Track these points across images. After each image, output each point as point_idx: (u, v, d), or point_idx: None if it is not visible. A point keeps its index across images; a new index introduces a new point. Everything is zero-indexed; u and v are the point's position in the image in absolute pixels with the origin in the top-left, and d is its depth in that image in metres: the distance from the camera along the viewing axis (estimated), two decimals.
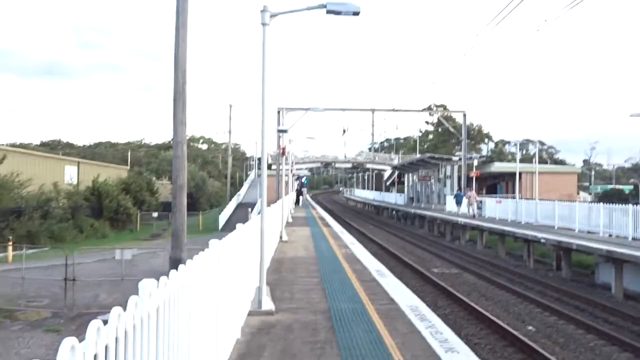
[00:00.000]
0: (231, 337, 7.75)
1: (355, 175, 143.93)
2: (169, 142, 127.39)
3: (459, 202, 46.98)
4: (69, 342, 2.28)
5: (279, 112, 51.99)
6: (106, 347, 2.74)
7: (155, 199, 62.47)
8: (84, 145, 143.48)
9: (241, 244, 8.49)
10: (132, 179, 59.51)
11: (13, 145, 75.11)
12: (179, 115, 17.49)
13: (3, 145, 54.81)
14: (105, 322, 2.68)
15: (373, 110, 65.30)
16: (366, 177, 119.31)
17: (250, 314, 9.88)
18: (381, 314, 10.50)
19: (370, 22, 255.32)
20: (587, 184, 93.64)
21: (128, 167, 78.09)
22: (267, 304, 10.41)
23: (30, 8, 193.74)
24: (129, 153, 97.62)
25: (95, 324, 2.55)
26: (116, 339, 2.85)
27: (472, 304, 18.47)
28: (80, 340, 2.32)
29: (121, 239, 43.47)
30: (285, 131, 24.81)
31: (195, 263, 4.98)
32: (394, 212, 71.09)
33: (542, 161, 72.06)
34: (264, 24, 10.46)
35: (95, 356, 2.56)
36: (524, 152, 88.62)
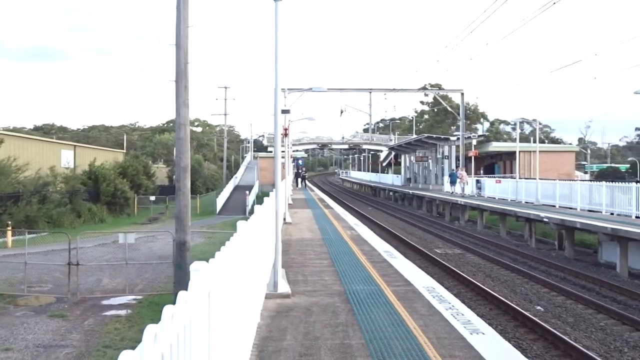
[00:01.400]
0: (253, 320, 7.58)
1: (351, 156, 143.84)
2: (164, 124, 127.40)
3: (453, 182, 47.00)
4: (152, 329, 2.07)
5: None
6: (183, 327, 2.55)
7: (152, 182, 62.20)
8: (78, 129, 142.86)
9: (259, 226, 8.29)
10: (128, 163, 59.09)
11: (7, 130, 74.57)
12: (182, 96, 17.27)
13: None
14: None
15: (370, 90, 65.15)
16: (362, 159, 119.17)
17: (267, 297, 9.71)
18: (398, 295, 10.35)
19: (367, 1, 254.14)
20: (583, 162, 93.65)
21: (124, 151, 77.68)
22: (283, 287, 10.24)
23: None
24: (125, 136, 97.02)
25: (169, 310, 2.33)
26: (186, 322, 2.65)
27: (480, 284, 18.37)
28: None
29: (119, 223, 43.26)
30: (288, 111, 24.54)
31: (234, 246, 4.77)
32: (391, 193, 71.03)
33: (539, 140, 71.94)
34: (276, 0, 10.18)
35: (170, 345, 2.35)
36: (520, 131, 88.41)
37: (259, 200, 11.33)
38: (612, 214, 26.83)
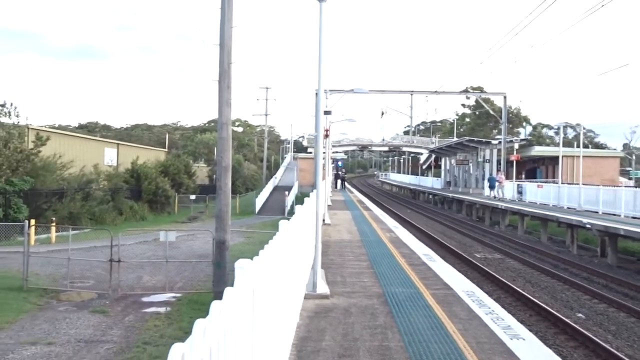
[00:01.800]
0: (293, 320, 7.62)
1: (390, 159, 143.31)
2: (205, 124, 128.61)
3: (492, 186, 46.66)
4: (201, 324, 2.11)
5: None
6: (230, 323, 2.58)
7: (192, 181, 62.75)
8: (121, 128, 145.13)
9: (300, 226, 8.34)
10: (170, 162, 59.78)
11: (52, 127, 76.03)
12: (224, 95, 17.41)
13: (44, 127, 55.37)
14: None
15: (412, 93, 64.78)
16: (402, 161, 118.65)
17: (305, 297, 9.75)
18: (437, 299, 10.30)
19: (411, 3, 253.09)
20: (628, 168, 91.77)
21: (166, 150, 78.61)
22: (322, 287, 10.27)
23: None
24: (167, 135, 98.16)
25: (217, 306, 2.37)
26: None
27: (520, 290, 18.16)
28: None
29: (160, 222, 43.73)
30: (329, 112, 24.61)
31: (276, 245, 4.82)
32: (430, 196, 70.62)
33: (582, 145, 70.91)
34: (320, 0, 10.20)
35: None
36: (563, 136, 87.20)
37: (298, 200, 11.39)
38: None
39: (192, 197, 55.05)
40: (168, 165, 57.34)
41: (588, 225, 26.16)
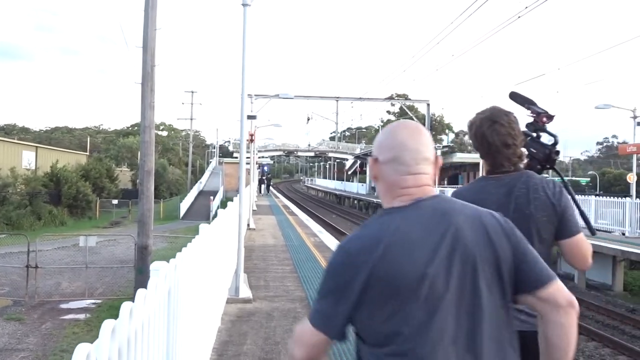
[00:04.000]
0: (214, 324, 7.57)
1: (316, 164, 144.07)
2: (129, 127, 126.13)
3: None
4: (109, 324, 2.08)
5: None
6: (142, 324, 2.54)
7: (114, 185, 61.48)
8: (40, 130, 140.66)
9: (222, 230, 8.30)
10: (91, 165, 58.36)
11: None
12: (148, 98, 17.14)
13: None
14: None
15: (337, 99, 65.36)
16: (328, 166, 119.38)
17: (228, 301, 9.69)
18: None
19: (337, 9, 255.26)
20: (545, 175, 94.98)
21: (87, 153, 76.72)
22: (245, 292, 10.24)
23: None
24: (88, 139, 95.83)
25: (128, 307, 2.34)
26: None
27: None
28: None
29: (80, 227, 42.66)
30: (254, 117, 24.48)
31: (195, 248, 4.78)
32: (355, 202, 71.24)
33: None
34: (244, 5, 10.19)
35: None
36: None
37: (224, 205, 11.30)
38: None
39: (115, 201, 53.98)
40: (89, 169, 56.01)
41: None
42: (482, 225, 2.00)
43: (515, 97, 3.61)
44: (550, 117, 3.45)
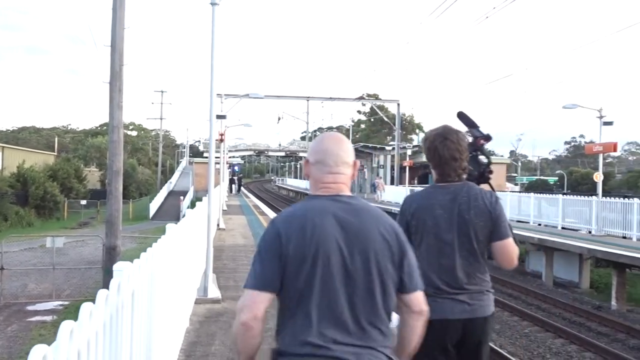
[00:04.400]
0: (182, 325, 7.52)
1: (287, 164, 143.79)
2: (97, 127, 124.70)
3: (374, 190, 50.52)
4: (68, 325, 2.05)
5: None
6: (103, 325, 2.51)
7: (83, 186, 60.82)
8: (7, 130, 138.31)
9: (190, 230, 8.24)
10: (59, 166, 57.67)
11: None
12: (116, 98, 16.97)
13: None
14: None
15: (308, 99, 65.23)
16: (299, 166, 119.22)
17: (196, 302, 9.63)
18: None
19: (307, 9, 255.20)
20: (514, 174, 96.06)
21: (55, 153, 75.76)
22: (214, 292, 10.17)
23: None
24: (56, 139, 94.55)
25: (88, 308, 2.31)
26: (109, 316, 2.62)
27: None
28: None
29: (48, 228, 42.15)
30: (224, 117, 24.36)
31: (161, 247, 4.74)
32: None
33: None
34: (213, 4, 10.13)
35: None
36: None
37: (193, 205, 11.23)
38: (539, 224, 27.63)
39: (83, 202, 53.39)
40: (57, 170, 55.36)
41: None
42: (380, 228, 2.56)
43: (461, 117, 4.20)
44: (487, 139, 4.00)
